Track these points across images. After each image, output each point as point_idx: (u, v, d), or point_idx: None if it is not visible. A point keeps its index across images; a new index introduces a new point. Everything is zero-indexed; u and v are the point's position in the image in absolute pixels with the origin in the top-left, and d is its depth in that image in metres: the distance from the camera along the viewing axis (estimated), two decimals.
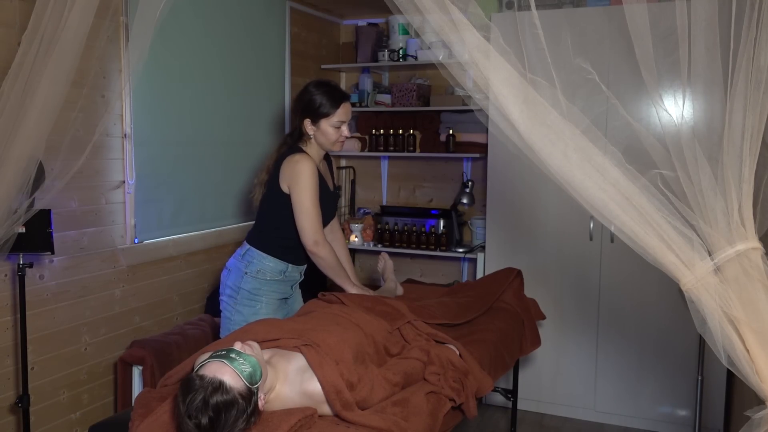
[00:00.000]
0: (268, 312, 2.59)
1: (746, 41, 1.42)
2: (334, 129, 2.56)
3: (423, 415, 1.94)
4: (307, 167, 2.50)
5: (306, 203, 2.50)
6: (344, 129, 2.59)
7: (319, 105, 2.54)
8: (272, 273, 2.59)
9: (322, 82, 2.64)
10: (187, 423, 1.62)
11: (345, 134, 2.59)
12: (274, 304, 2.62)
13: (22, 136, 2.21)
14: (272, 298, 2.61)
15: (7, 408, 2.63)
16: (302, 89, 2.63)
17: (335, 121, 2.55)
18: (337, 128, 2.56)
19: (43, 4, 2.18)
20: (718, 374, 3.38)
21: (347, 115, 2.58)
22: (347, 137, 2.62)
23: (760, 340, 1.43)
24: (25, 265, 2.50)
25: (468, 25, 1.58)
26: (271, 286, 2.60)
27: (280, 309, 2.67)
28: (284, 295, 2.67)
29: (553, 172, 1.56)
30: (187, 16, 3.31)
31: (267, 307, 2.59)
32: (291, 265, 2.63)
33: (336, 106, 2.54)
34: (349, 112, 2.61)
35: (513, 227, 3.80)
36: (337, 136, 2.57)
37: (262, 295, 2.58)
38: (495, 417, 3.81)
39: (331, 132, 2.56)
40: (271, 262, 2.58)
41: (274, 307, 2.62)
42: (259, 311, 2.57)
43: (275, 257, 2.59)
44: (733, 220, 1.45)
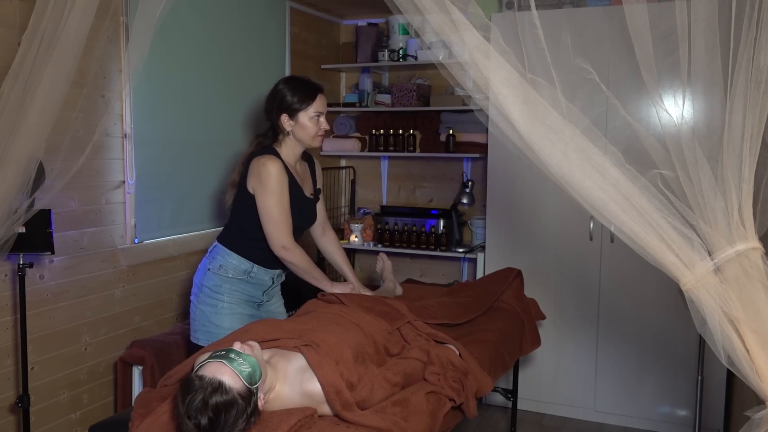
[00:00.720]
0: (230, 313, 2.49)
1: (746, 41, 1.42)
2: (312, 121, 2.51)
3: (423, 415, 1.94)
4: (272, 169, 2.43)
5: (270, 208, 2.43)
6: (322, 120, 2.54)
7: (294, 99, 2.51)
8: (234, 271, 2.51)
9: (293, 77, 2.64)
10: (186, 423, 1.62)
11: (324, 127, 2.55)
12: (238, 304, 2.51)
13: (22, 136, 2.21)
14: (235, 298, 2.51)
15: (7, 408, 2.63)
16: (273, 87, 2.59)
17: (312, 112, 2.50)
18: (315, 120, 2.52)
19: (43, 4, 2.18)
20: (718, 374, 3.38)
21: (323, 106, 2.55)
22: (324, 130, 2.56)
23: (760, 340, 1.43)
24: (25, 265, 2.49)
25: (468, 25, 1.58)
26: (233, 284, 2.51)
27: (247, 313, 2.54)
28: (252, 298, 2.57)
29: (553, 172, 1.56)
30: (187, 16, 3.31)
31: (229, 307, 2.49)
32: (257, 266, 2.53)
33: (312, 98, 2.51)
34: (325, 103, 2.57)
35: (513, 227, 3.80)
36: (316, 128, 2.52)
37: (223, 293, 2.50)
38: (495, 417, 3.81)
39: (309, 125, 2.51)
40: (234, 260, 2.51)
41: (239, 309, 2.51)
42: (221, 311, 2.49)
43: (239, 255, 2.52)
44: (733, 220, 1.45)
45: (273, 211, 2.43)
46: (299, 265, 2.50)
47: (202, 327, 2.52)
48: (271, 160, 2.46)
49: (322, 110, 2.54)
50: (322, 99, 2.55)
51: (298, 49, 4.26)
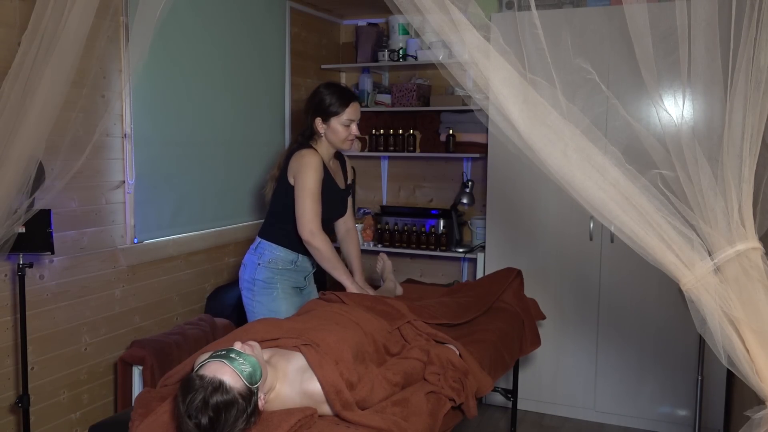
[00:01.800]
0: (285, 298, 2.71)
1: (746, 41, 1.42)
2: (343, 127, 2.68)
3: (423, 415, 1.94)
4: (312, 160, 2.62)
5: (305, 191, 2.60)
6: (353, 127, 2.71)
7: (329, 104, 2.68)
8: (284, 263, 2.72)
9: (332, 84, 2.80)
10: (186, 423, 1.62)
11: (354, 132, 2.71)
12: (289, 291, 2.74)
13: (22, 136, 2.21)
14: (287, 286, 2.73)
15: (7, 408, 2.63)
16: (314, 90, 2.77)
17: (344, 119, 2.67)
18: (347, 126, 2.68)
19: (43, 4, 2.18)
20: (718, 374, 3.38)
21: (356, 114, 2.70)
22: (356, 136, 2.74)
23: (760, 340, 1.43)
24: (25, 265, 2.49)
25: (468, 25, 1.58)
26: (283, 274, 2.73)
27: (296, 297, 2.77)
28: (298, 284, 2.79)
29: (553, 172, 1.56)
30: (187, 16, 3.31)
31: (283, 293, 2.72)
32: (301, 255, 2.74)
33: (345, 105, 2.67)
34: (358, 111, 2.73)
35: (513, 227, 3.80)
36: (347, 134, 2.69)
37: (276, 282, 2.71)
38: (495, 417, 3.81)
39: (340, 130, 2.68)
40: (282, 252, 2.71)
41: (290, 294, 2.74)
42: (276, 298, 2.70)
43: (285, 247, 2.71)
44: (733, 220, 1.45)
45: (307, 198, 2.60)
46: (324, 251, 2.62)
47: (259, 316, 2.68)
48: (310, 152, 2.66)
49: (354, 117, 2.69)
50: (354, 107, 2.70)
51: (298, 49, 4.26)
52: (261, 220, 3.96)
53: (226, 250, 3.75)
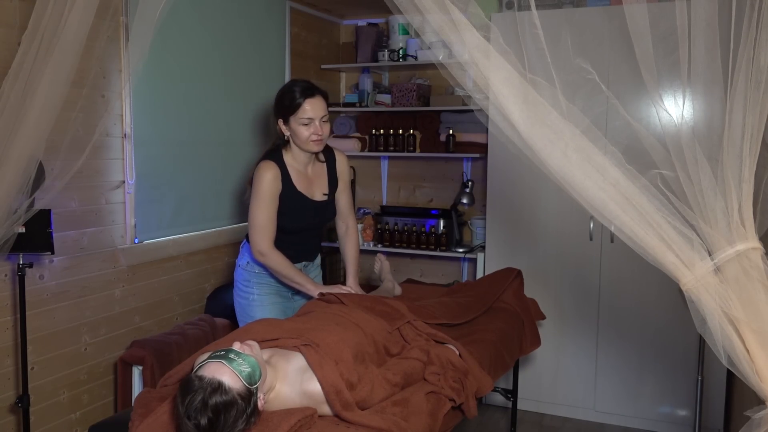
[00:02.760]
0: (262, 305, 2.60)
1: (746, 41, 1.42)
2: (302, 126, 2.45)
3: (423, 415, 1.94)
4: (263, 176, 2.46)
5: (254, 214, 2.49)
6: (316, 125, 2.45)
7: (287, 103, 2.46)
8: (260, 266, 2.61)
9: (294, 80, 2.59)
10: (186, 424, 1.62)
11: (317, 131, 2.45)
12: (268, 297, 2.62)
13: (22, 136, 2.21)
14: (265, 291, 2.62)
15: (7, 408, 2.63)
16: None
17: (303, 117, 2.44)
18: (305, 125, 2.44)
19: (43, 4, 2.18)
20: (718, 374, 3.38)
21: (316, 111, 2.44)
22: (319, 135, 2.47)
23: (760, 340, 1.43)
24: (25, 265, 2.49)
25: (468, 25, 1.58)
26: (260, 278, 2.62)
27: (279, 304, 2.64)
28: (282, 290, 2.66)
29: (553, 172, 1.56)
30: (187, 16, 3.31)
31: (260, 299, 2.61)
32: None
33: (301, 101, 2.43)
34: (320, 108, 2.46)
35: (513, 227, 3.80)
36: (308, 134, 2.45)
37: (252, 287, 2.62)
38: (495, 417, 3.81)
39: (300, 130, 2.45)
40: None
41: (270, 301, 2.62)
42: (252, 303, 2.61)
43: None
44: (733, 220, 1.45)
45: (256, 217, 2.49)
46: (276, 269, 2.53)
47: (241, 319, 2.65)
48: (265, 166, 2.49)
49: (313, 115, 2.44)
50: (313, 102, 2.45)
51: (298, 49, 4.26)
52: None
53: (226, 250, 3.75)
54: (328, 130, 2.52)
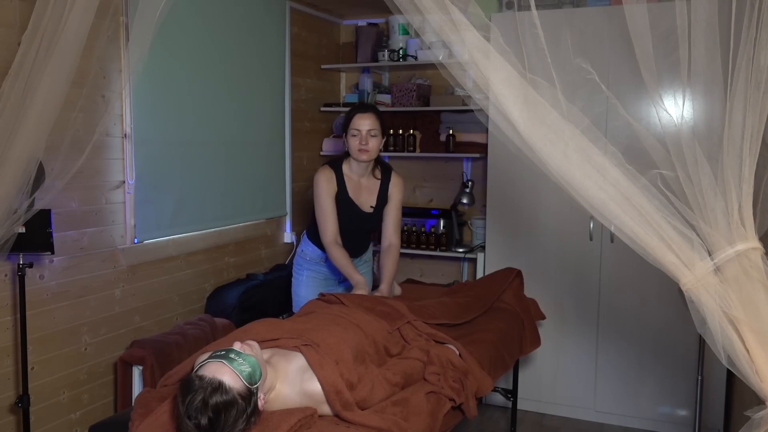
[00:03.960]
0: (307, 286, 3.02)
1: (746, 41, 1.42)
2: (352, 137, 2.84)
3: (423, 415, 1.94)
4: (318, 178, 2.86)
5: (316, 206, 2.87)
6: (363, 136, 2.80)
7: (346, 117, 2.90)
8: (311, 256, 3.03)
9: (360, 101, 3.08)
10: (186, 423, 1.62)
11: (363, 142, 2.80)
12: (315, 282, 3.02)
13: (22, 136, 2.21)
14: (312, 275, 3.04)
15: (7, 408, 2.63)
16: None
17: (352, 129, 2.83)
18: (354, 136, 2.82)
19: (43, 4, 2.18)
20: (718, 374, 3.38)
21: (362, 124, 2.81)
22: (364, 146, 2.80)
23: (760, 340, 1.43)
24: (25, 265, 2.49)
25: (468, 25, 1.58)
26: (310, 265, 3.04)
27: (321, 288, 2.99)
28: (330, 278, 3.06)
29: (553, 172, 1.56)
30: (187, 16, 3.31)
31: (307, 281, 3.03)
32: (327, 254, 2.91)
33: (352, 116, 2.86)
34: (367, 121, 2.82)
35: (513, 227, 3.80)
36: (355, 144, 2.82)
37: (302, 271, 3.05)
38: (495, 417, 3.81)
39: (351, 140, 2.84)
40: (310, 248, 3.02)
41: (314, 284, 3.02)
42: (300, 283, 3.06)
43: (313, 244, 3.01)
44: (733, 220, 1.45)
45: (317, 213, 2.87)
46: (336, 259, 2.84)
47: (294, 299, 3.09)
48: (322, 170, 2.89)
49: (360, 127, 2.81)
50: (361, 117, 2.84)
51: (298, 49, 4.26)
52: (260, 220, 3.99)
53: (226, 250, 3.75)
54: (375, 143, 2.85)
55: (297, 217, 4.30)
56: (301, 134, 4.35)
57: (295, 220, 4.28)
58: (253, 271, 3.93)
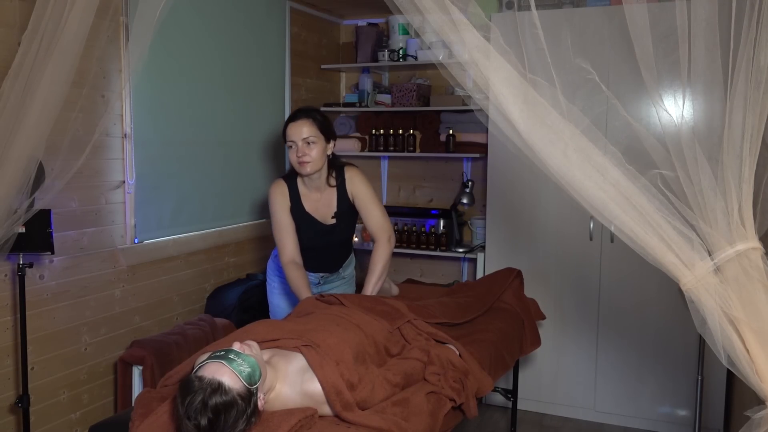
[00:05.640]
0: (280, 294, 2.89)
1: (746, 41, 1.42)
2: (290, 150, 2.61)
3: (423, 415, 1.94)
4: (272, 192, 2.69)
5: (273, 225, 2.70)
6: (301, 147, 2.55)
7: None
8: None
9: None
10: (186, 424, 1.62)
11: (300, 154, 2.55)
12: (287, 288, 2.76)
13: (22, 136, 2.21)
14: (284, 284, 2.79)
15: (7, 408, 2.63)
16: None
17: (288, 141, 2.60)
18: (290, 148, 2.59)
19: (43, 4, 2.18)
20: (718, 374, 3.38)
21: (296, 134, 2.56)
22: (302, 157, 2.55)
23: (760, 340, 1.43)
24: (25, 265, 2.49)
25: (468, 25, 1.58)
26: (281, 272, 2.78)
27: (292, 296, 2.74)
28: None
29: (553, 172, 1.56)
30: (187, 16, 3.31)
31: (280, 287, 2.88)
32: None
33: (285, 126, 2.61)
34: (302, 130, 2.56)
35: (513, 227, 3.80)
36: (293, 157, 2.59)
37: (274, 277, 2.91)
38: (495, 417, 3.81)
39: (289, 153, 2.62)
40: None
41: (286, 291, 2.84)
42: (273, 290, 2.93)
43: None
44: (733, 220, 1.45)
45: (274, 230, 2.70)
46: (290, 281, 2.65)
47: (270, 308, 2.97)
48: (275, 184, 2.71)
49: (293, 138, 2.56)
50: (293, 126, 2.57)
51: (298, 49, 4.26)
52: (261, 220, 3.99)
53: (226, 250, 3.75)
54: (317, 151, 2.57)
55: None
56: None
57: None
58: (253, 271, 3.93)
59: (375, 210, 2.72)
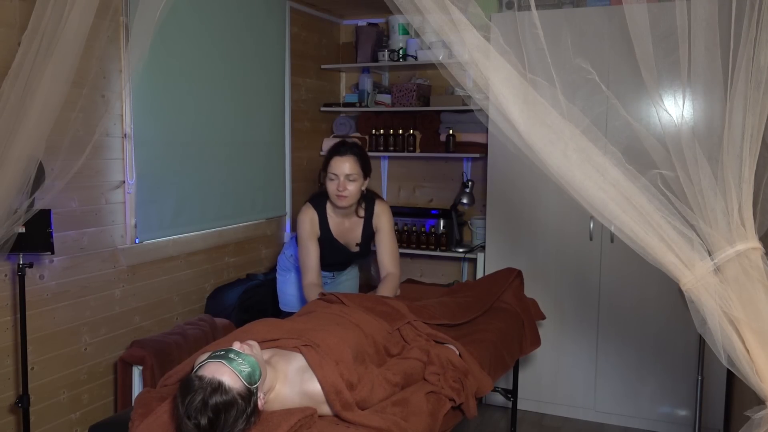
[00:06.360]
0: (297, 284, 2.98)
1: (746, 41, 1.42)
2: (329, 180, 2.68)
3: (423, 415, 1.94)
4: (301, 221, 2.79)
5: (300, 248, 2.79)
6: (342, 182, 2.64)
7: (325, 156, 2.74)
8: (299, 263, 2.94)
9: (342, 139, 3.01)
10: (186, 423, 1.62)
11: (341, 189, 2.65)
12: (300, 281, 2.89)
13: (22, 136, 2.21)
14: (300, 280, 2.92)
15: (7, 408, 2.63)
16: None
17: (330, 173, 2.67)
18: (332, 180, 2.66)
19: (43, 4, 2.18)
20: (718, 374, 3.38)
21: (341, 169, 2.64)
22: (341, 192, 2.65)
23: (760, 340, 1.43)
24: (25, 265, 2.49)
25: (468, 25, 1.58)
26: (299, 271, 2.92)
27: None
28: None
29: (553, 172, 1.56)
30: (187, 16, 3.31)
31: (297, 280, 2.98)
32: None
33: (330, 157, 2.69)
34: (346, 166, 2.64)
35: (513, 227, 3.80)
36: (333, 189, 2.67)
37: (291, 270, 3.03)
38: (495, 417, 3.81)
39: (328, 184, 2.69)
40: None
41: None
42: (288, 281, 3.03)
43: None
44: (733, 220, 1.45)
45: (300, 256, 2.79)
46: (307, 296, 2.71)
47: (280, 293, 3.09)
48: (305, 211, 2.79)
49: (337, 172, 2.65)
50: (337, 161, 2.66)
51: (298, 49, 4.26)
52: (260, 220, 3.99)
53: (226, 250, 3.75)
54: (354, 188, 2.68)
55: (297, 217, 4.30)
56: (301, 134, 4.35)
57: (295, 220, 4.28)
58: (253, 271, 3.93)
59: (392, 246, 2.87)
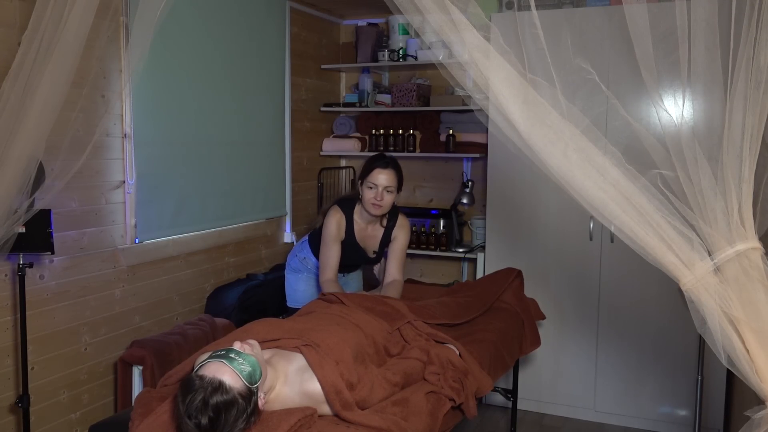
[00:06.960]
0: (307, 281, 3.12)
1: (746, 41, 1.42)
2: (368, 189, 2.83)
3: (423, 415, 1.94)
4: (329, 221, 2.90)
5: (323, 247, 2.91)
6: (381, 192, 2.80)
7: (366, 166, 2.89)
8: (313, 264, 3.09)
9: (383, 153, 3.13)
10: (186, 423, 1.62)
11: (378, 197, 2.81)
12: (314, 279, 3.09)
13: (22, 136, 2.21)
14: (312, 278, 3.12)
15: (7, 408, 2.63)
16: None
17: (370, 182, 2.82)
18: (370, 188, 2.82)
19: (43, 4, 2.18)
20: (718, 374, 3.38)
21: (381, 180, 2.81)
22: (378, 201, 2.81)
23: (760, 340, 1.43)
24: (25, 265, 2.49)
25: (468, 25, 1.58)
26: (310, 272, 3.11)
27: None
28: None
29: (553, 172, 1.56)
30: (187, 16, 3.30)
31: (307, 278, 3.12)
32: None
33: (372, 167, 2.85)
34: (386, 178, 2.81)
35: (513, 227, 3.80)
36: (370, 197, 2.82)
37: (302, 271, 3.14)
38: (495, 417, 3.81)
39: (366, 191, 2.85)
40: (313, 259, 3.08)
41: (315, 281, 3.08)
42: (299, 279, 3.14)
43: (316, 258, 3.04)
44: (733, 220, 1.45)
45: (323, 255, 2.91)
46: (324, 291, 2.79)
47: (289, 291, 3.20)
48: (334, 213, 2.91)
49: (377, 182, 2.81)
50: (380, 173, 2.81)
51: (298, 49, 4.26)
52: (260, 220, 3.99)
53: (226, 250, 3.75)
54: (390, 199, 2.85)
55: (297, 217, 4.31)
56: (301, 134, 4.35)
57: (295, 220, 4.28)
58: (253, 271, 3.93)
59: (402, 256, 3.00)
